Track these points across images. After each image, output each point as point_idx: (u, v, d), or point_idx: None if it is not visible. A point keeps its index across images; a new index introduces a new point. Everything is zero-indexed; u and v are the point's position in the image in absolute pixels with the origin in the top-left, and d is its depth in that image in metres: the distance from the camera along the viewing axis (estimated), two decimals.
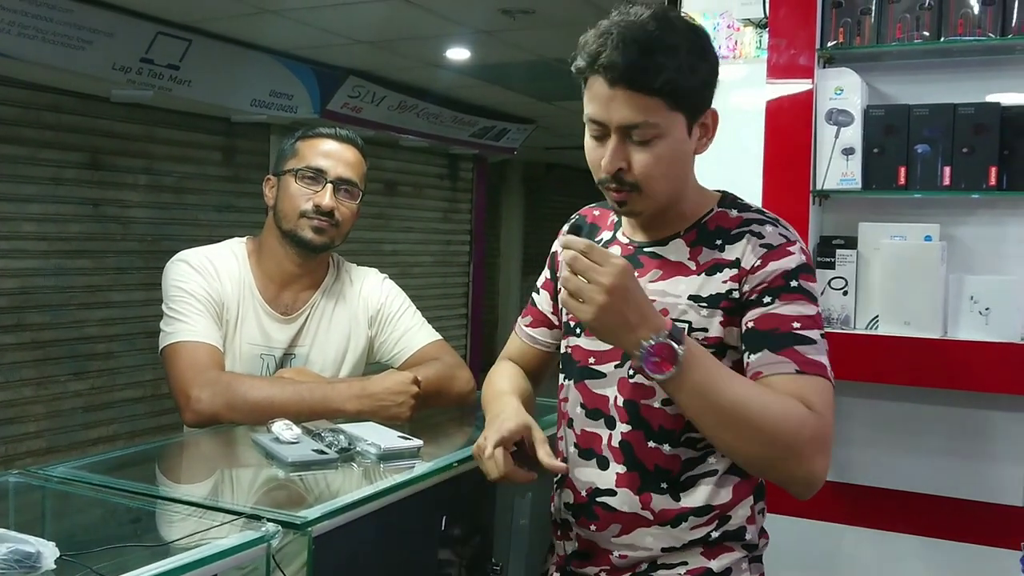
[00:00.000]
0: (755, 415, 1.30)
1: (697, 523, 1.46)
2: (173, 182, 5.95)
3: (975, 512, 2.04)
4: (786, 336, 1.36)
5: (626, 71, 1.35)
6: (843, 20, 2.04)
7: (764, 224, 1.45)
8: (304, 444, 1.60)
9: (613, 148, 1.40)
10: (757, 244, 1.42)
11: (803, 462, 1.32)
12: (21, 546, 1.04)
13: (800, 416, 1.31)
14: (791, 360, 1.34)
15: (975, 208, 2.02)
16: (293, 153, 2.06)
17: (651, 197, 1.43)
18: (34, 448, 5.22)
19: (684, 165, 1.46)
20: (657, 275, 1.48)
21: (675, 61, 1.35)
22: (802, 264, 1.41)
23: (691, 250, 1.47)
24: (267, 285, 2.07)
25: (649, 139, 1.39)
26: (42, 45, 4.55)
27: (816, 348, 1.36)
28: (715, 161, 2.28)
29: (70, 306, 5.39)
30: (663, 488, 1.46)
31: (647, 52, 1.35)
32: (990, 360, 1.91)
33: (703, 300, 1.43)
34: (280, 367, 2.04)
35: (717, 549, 1.47)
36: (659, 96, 1.36)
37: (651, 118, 1.37)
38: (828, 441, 1.34)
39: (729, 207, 1.51)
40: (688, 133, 1.43)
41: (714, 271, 1.44)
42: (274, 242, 2.07)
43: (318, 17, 5.09)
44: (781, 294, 1.38)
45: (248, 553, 1.19)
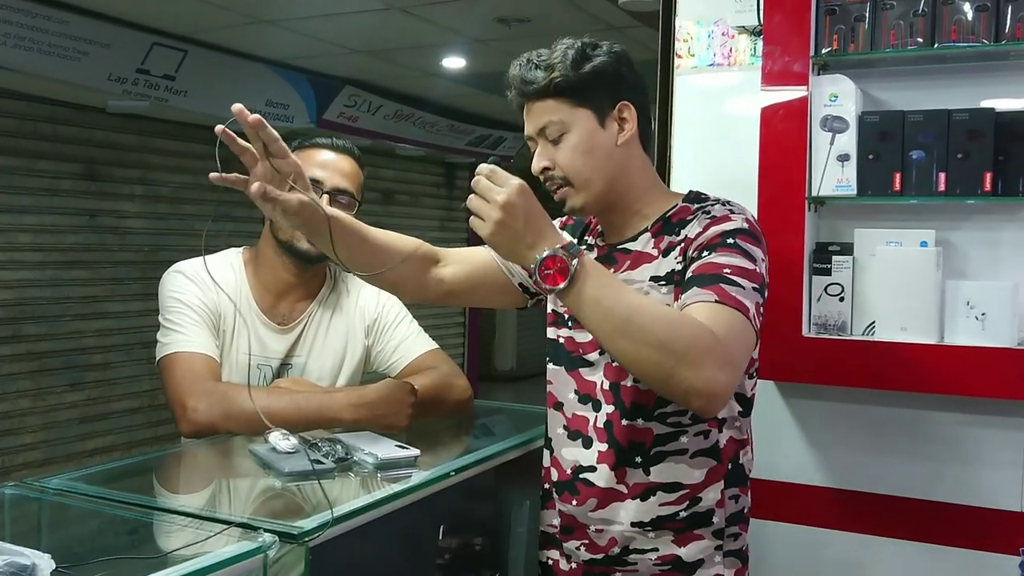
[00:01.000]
0: (648, 320, 1.34)
1: (666, 499, 1.55)
2: (169, 192, 5.96)
3: (973, 517, 2.03)
4: (714, 276, 1.42)
5: (519, 84, 1.58)
6: (837, 27, 2.05)
7: (715, 204, 1.57)
8: (301, 454, 1.60)
9: (537, 152, 1.60)
10: (703, 218, 1.53)
11: (699, 370, 1.31)
12: (17, 558, 1.04)
13: (696, 327, 1.34)
14: (713, 292, 1.40)
15: (970, 214, 2.02)
16: None
17: (583, 188, 1.58)
18: (30, 460, 5.21)
19: (607, 156, 1.58)
20: (627, 266, 1.60)
21: (553, 65, 1.55)
22: (742, 228, 1.49)
23: (655, 240, 1.59)
24: (264, 295, 2.06)
25: (559, 136, 1.57)
26: (38, 56, 4.56)
27: (740, 291, 1.40)
28: (711, 168, 2.30)
29: (66, 317, 5.39)
30: (637, 462, 1.56)
31: (533, 65, 1.57)
32: (986, 365, 1.90)
33: (662, 279, 1.55)
34: (277, 377, 2.04)
35: (687, 536, 1.55)
36: (551, 97, 1.56)
37: (553, 116, 1.56)
38: (727, 359, 1.35)
39: (692, 202, 1.62)
40: (600, 125, 1.58)
41: (669, 252, 1.56)
42: (271, 252, 2.07)
43: (314, 27, 5.10)
44: (717, 248, 1.46)
45: (245, 564, 1.19)
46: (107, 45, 4.84)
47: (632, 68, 1.63)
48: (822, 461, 2.18)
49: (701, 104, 2.33)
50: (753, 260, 1.46)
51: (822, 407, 2.17)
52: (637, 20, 4.14)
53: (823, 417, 2.17)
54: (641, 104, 1.63)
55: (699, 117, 2.33)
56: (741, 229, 1.49)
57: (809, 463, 2.19)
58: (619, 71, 1.59)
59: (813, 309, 2.07)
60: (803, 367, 2.06)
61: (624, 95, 1.59)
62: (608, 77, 1.58)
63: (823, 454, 2.18)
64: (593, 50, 1.58)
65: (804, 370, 2.06)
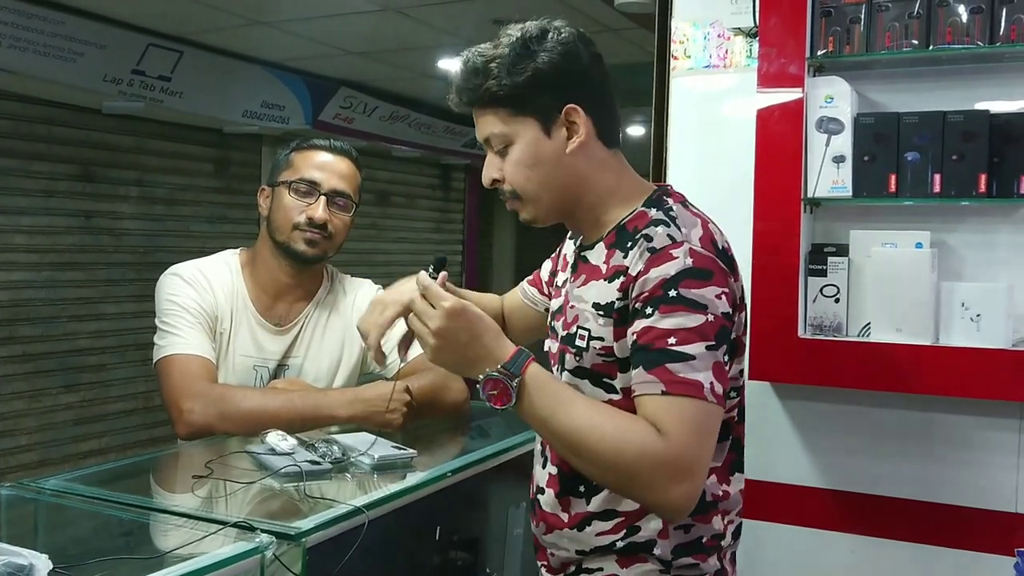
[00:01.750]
0: (594, 441, 1.30)
1: (602, 529, 1.44)
2: (165, 193, 5.95)
3: (968, 518, 2.04)
4: (659, 353, 1.30)
5: (457, 95, 1.47)
6: (833, 29, 2.05)
7: (658, 225, 1.38)
8: (298, 455, 1.60)
9: (486, 162, 1.50)
10: (645, 249, 1.37)
11: (651, 491, 1.29)
12: (14, 559, 1.04)
13: (640, 445, 1.28)
14: (659, 380, 1.30)
15: (965, 215, 2.03)
16: (287, 164, 2.06)
17: (532, 202, 1.48)
18: (25, 461, 5.19)
19: (554, 166, 1.45)
20: (582, 280, 1.49)
21: (488, 72, 1.42)
22: (684, 269, 1.33)
23: (607, 253, 1.45)
24: (260, 296, 2.07)
25: (504, 147, 1.46)
26: (33, 57, 4.55)
27: (692, 365, 1.29)
28: (707, 170, 2.30)
29: (61, 318, 5.38)
30: (580, 492, 1.47)
31: (468, 73, 1.45)
32: (981, 366, 1.91)
33: (601, 308, 1.41)
34: (274, 378, 2.04)
35: (631, 558, 1.44)
36: (491, 107, 1.44)
37: (495, 129, 1.45)
38: (683, 466, 1.28)
39: (651, 206, 1.45)
40: (546, 134, 1.44)
41: (613, 278, 1.41)
42: (267, 253, 2.07)
43: (310, 28, 5.10)
44: (660, 305, 1.32)
45: (242, 564, 1.19)
46: (103, 46, 4.83)
47: (583, 61, 1.46)
48: (817, 462, 2.18)
49: (697, 106, 2.33)
50: (702, 308, 1.32)
51: (817, 408, 2.17)
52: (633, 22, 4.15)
53: (818, 418, 2.18)
54: (597, 101, 1.47)
55: (695, 119, 2.33)
56: (684, 271, 1.32)
57: (804, 464, 2.19)
58: (565, 70, 1.43)
59: (809, 310, 2.08)
60: (798, 368, 2.06)
61: (571, 98, 1.43)
62: (552, 80, 1.42)
63: (818, 455, 2.18)
64: (536, 47, 1.42)
65: (799, 371, 2.07)
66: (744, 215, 2.06)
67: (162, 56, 5.17)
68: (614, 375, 1.40)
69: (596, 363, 1.42)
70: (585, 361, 1.43)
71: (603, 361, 1.41)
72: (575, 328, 1.45)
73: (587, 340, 1.42)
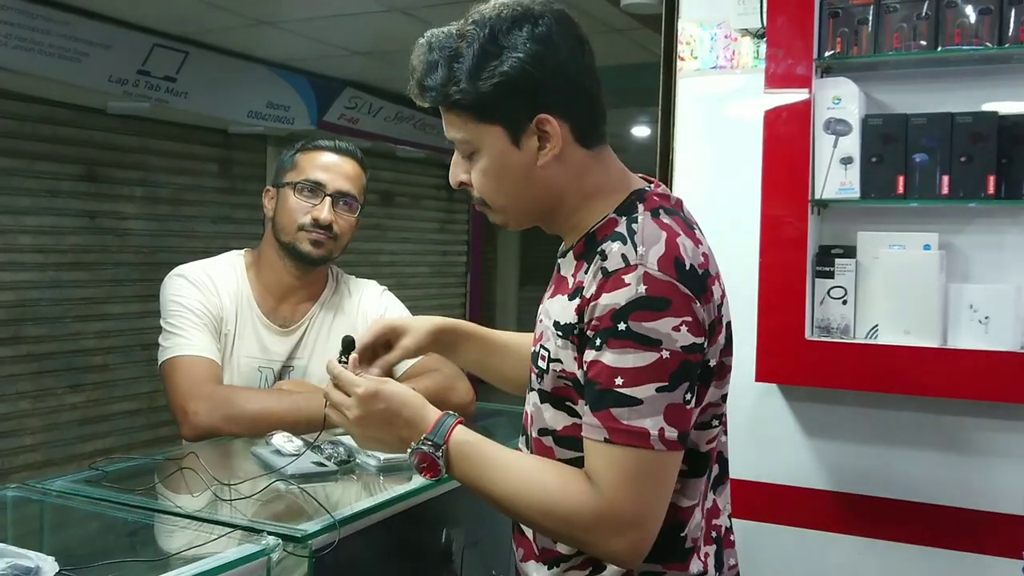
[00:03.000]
0: (523, 508, 1.26)
1: (570, 566, 1.33)
2: (170, 194, 5.95)
3: (975, 521, 2.03)
4: (605, 394, 1.19)
5: (419, 92, 1.32)
6: (840, 30, 2.05)
7: (615, 241, 1.23)
8: (304, 457, 1.60)
9: (452, 162, 1.36)
10: (598, 268, 1.23)
11: (593, 548, 1.24)
12: (20, 561, 1.03)
13: (571, 505, 1.21)
14: (603, 426, 1.19)
15: (974, 217, 2.02)
16: (293, 165, 2.06)
17: (499, 211, 1.35)
18: (30, 461, 5.19)
19: (524, 178, 1.30)
20: (551, 291, 1.37)
21: (450, 74, 1.26)
22: (635, 299, 1.18)
23: (575, 264, 1.33)
24: (265, 297, 2.06)
25: (470, 154, 1.32)
26: (39, 57, 4.55)
27: (638, 410, 1.17)
28: (713, 172, 2.29)
29: (66, 318, 5.38)
30: None
31: (427, 67, 1.29)
32: (989, 369, 1.91)
33: (560, 328, 1.29)
34: (279, 379, 2.04)
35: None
36: (453, 110, 1.29)
37: (459, 134, 1.31)
38: (623, 520, 1.20)
39: (622, 213, 1.30)
40: (515, 144, 1.28)
41: (574, 295, 1.28)
42: (273, 254, 2.07)
43: (315, 28, 5.10)
44: (609, 338, 1.19)
45: (248, 567, 1.18)
46: (108, 46, 4.83)
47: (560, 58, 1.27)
48: (824, 464, 2.17)
49: (704, 107, 2.33)
50: (655, 345, 1.17)
51: (825, 410, 2.17)
52: (639, 23, 4.14)
53: (826, 420, 2.17)
54: (576, 100, 1.30)
55: (702, 120, 2.33)
56: (635, 301, 1.17)
57: (811, 466, 2.19)
58: (537, 76, 1.24)
59: (816, 312, 2.07)
60: (806, 370, 2.06)
61: (543, 106, 1.26)
62: (520, 87, 1.24)
63: (825, 457, 2.17)
64: (505, 43, 1.25)
65: (807, 373, 2.06)
66: (751, 217, 2.06)
67: (167, 56, 5.17)
68: (575, 400, 1.28)
69: (556, 386, 1.31)
70: (545, 383, 1.33)
71: (563, 384, 1.29)
72: (538, 347, 1.35)
73: (547, 361, 1.31)
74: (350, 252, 2.18)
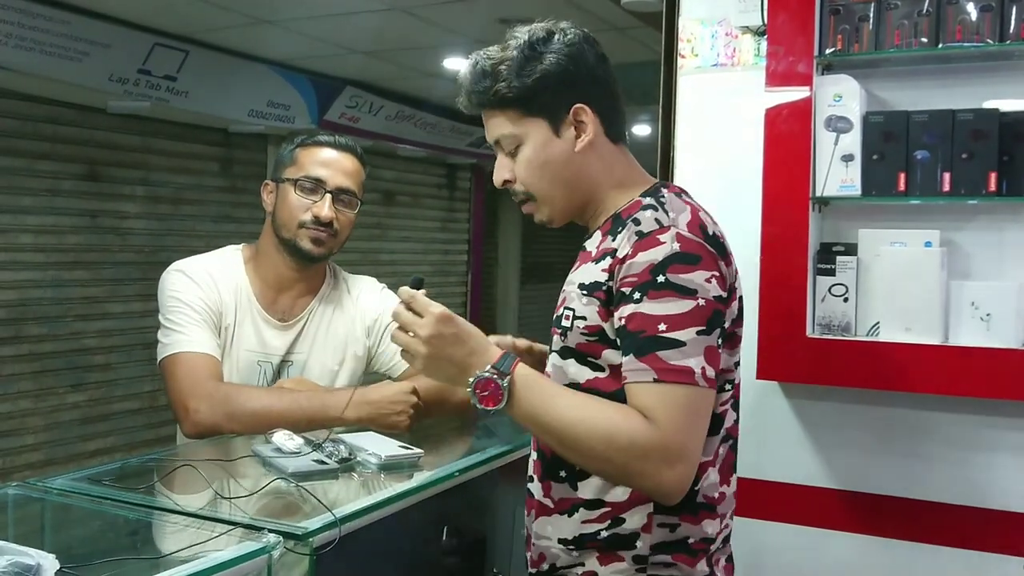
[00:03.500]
0: (584, 438, 1.34)
1: (588, 517, 1.43)
2: (170, 193, 5.95)
3: (977, 519, 2.03)
4: (650, 340, 1.33)
5: (467, 97, 1.51)
6: (841, 27, 2.04)
7: (647, 210, 1.41)
8: (304, 455, 1.60)
9: (496, 164, 1.53)
10: (633, 232, 1.39)
11: (646, 477, 1.33)
12: (21, 558, 1.03)
13: (631, 434, 1.31)
14: (651, 368, 1.32)
15: (975, 214, 2.02)
16: (292, 161, 2.05)
17: (545, 202, 1.51)
18: (32, 460, 5.20)
19: (564, 166, 1.49)
20: (576, 265, 1.51)
21: (497, 75, 1.46)
22: (672, 254, 1.34)
23: (601, 239, 1.48)
24: (264, 291, 2.06)
25: (514, 149, 1.49)
26: (39, 57, 4.55)
27: (683, 351, 1.32)
28: (714, 169, 2.29)
29: (68, 318, 5.38)
30: (561, 476, 1.46)
31: (477, 75, 1.49)
32: (991, 366, 1.90)
33: (585, 287, 1.43)
34: (278, 375, 2.03)
35: (609, 556, 1.42)
36: (500, 108, 1.48)
37: (505, 130, 1.48)
38: (674, 452, 1.31)
39: (647, 195, 1.47)
40: (556, 134, 1.47)
41: (600, 259, 1.44)
42: (272, 249, 2.07)
43: (315, 27, 5.10)
44: (649, 290, 1.34)
45: (249, 564, 1.19)
46: (108, 46, 4.83)
47: (590, 61, 1.49)
48: (826, 462, 2.17)
49: (704, 104, 2.32)
50: (691, 293, 1.33)
51: (826, 408, 2.17)
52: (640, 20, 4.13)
53: (827, 418, 2.17)
54: (604, 98, 1.51)
55: (702, 118, 2.32)
56: (672, 256, 1.34)
57: (813, 464, 2.18)
58: (572, 72, 1.47)
59: (817, 310, 2.07)
60: (807, 368, 2.05)
61: (579, 97, 1.47)
62: (559, 81, 1.46)
63: (827, 455, 2.17)
64: (543, 49, 1.46)
65: (808, 371, 2.06)
66: (752, 214, 2.06)
67: (168, 56, 5.17)
68: (599, 354, 1.41)
69: (580, 342, 1.43)
70: (569, 340, 1.44)
71: (587, 340, 1.42)
72: (562, 309, 1.47)
73: (571, 320, 1.43)
74: (352, 251, 2.18)
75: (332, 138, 2.09)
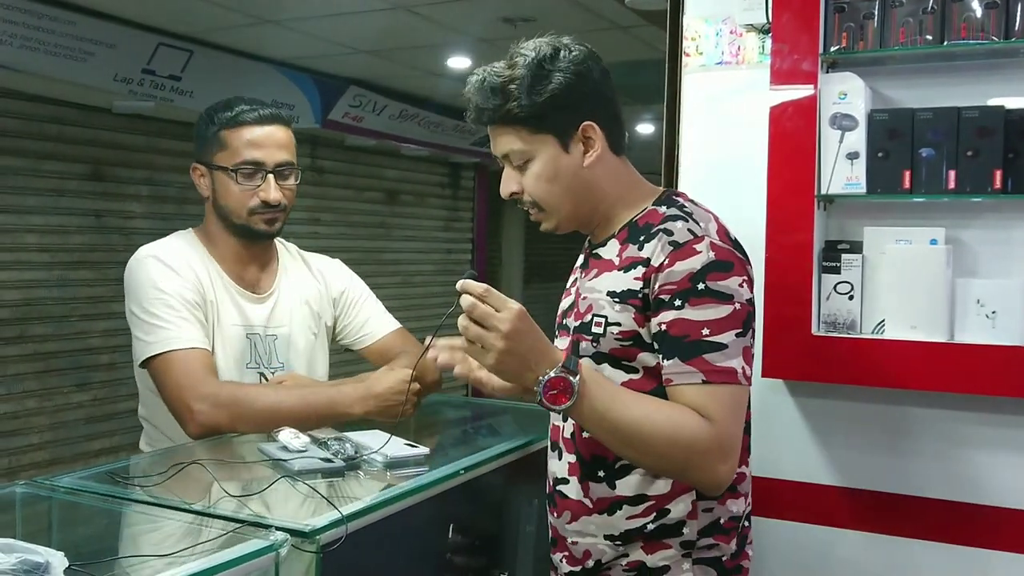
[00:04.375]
0: (648, 436, 1.41)
1: (632, 513, 1.51)
2: (175, 193, 5.95)
3: (982, 516, 2.03)
4: (696, 344, 1.42)
5: (476, 113, 1.54)
6: (846, 25, 2.04)
7: (677, 220, 1.49)
8: (310, 453, 1.60)
9: (504, 176, 1.58)
10: (666, 242, 1.47)
11: (703, 472, 1.43)
12: (30, 556, 1.04)
13: (692, 432, 1.40)
14: (699, 370, 1.41)
15: (980, 211, 2.01)
16: (220, 145, 1.98)
17: (553, 212, 1.57)
18: (37, 460, 5.21)
19: (573, 179, 1.54)
20: (594, 274, 1.58)
21: (508, 94, 1.49)
22: (709, 263, 1.44)
23: (620, 247, 1.55)
24: (228, 269, 2.04)
25: (523, 163, 1.54)
26: (44, 57, 4.56)
27: (726, 353, 1.42)
28: (720, 167, 2.29)
29: (73, 317, 5.39)
30: (600, 476, 1.53)
31: (487, 91, 1.51)
32: (997, 363, 1.90)
33: (617, 295, 1.50)
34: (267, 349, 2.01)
35: (655, 544, 1.50)
36: (510, 125, 1.52)
37: (515, 146, 1.53)
38: (727, 447, 1.43)
39: (662, 204, 1.56)
40: (565, 150, 1.53)
41: (629, 268, 1.51)
42: (221, 232, 2.03)
43: (319, 27, 5.10)
44: (690, 298, 1.42)
45: (256, 562, 1.19)
46: (113, 46, 4.84)
47: (596, 78, 1.55)
48: (831, 460, 2.17)
49: (709, 103, 2.32)
50: (729, 299, 1.43)
51: (831, 406, 2.16)
52: (644, 19, 4.14)
53: (832, 416, 2.17)
54: (609, 113, 1.58)
55: (707, 116, 2.32)
56: (709, 264, 1.44)
57: (818, 462, 2.18)
58: (580, 90, 1.52)
59: (822, 307, 2.07)
60: (812, 365, 2.05)
61: (587, 115, 1.53)
62: (569, 99, 1.51)
63: (832, 453, 2.17)
64: (552, 67, 1.50)
65: (813, 369, 2.06)
66: (757, 212, 2.05)
67: (172, 55, 5.18)
68: (633, 357, 1.49)
69: (613, 347, 1.50)
70: (603, 346, 1.51)
71: (621, 345, 1.49)
72: (590, 316, 1.53)
73: (604, 326, 1.50)
74: (355, 250, 2.20)
75: (255, 111, 1.99)
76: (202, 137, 2.02)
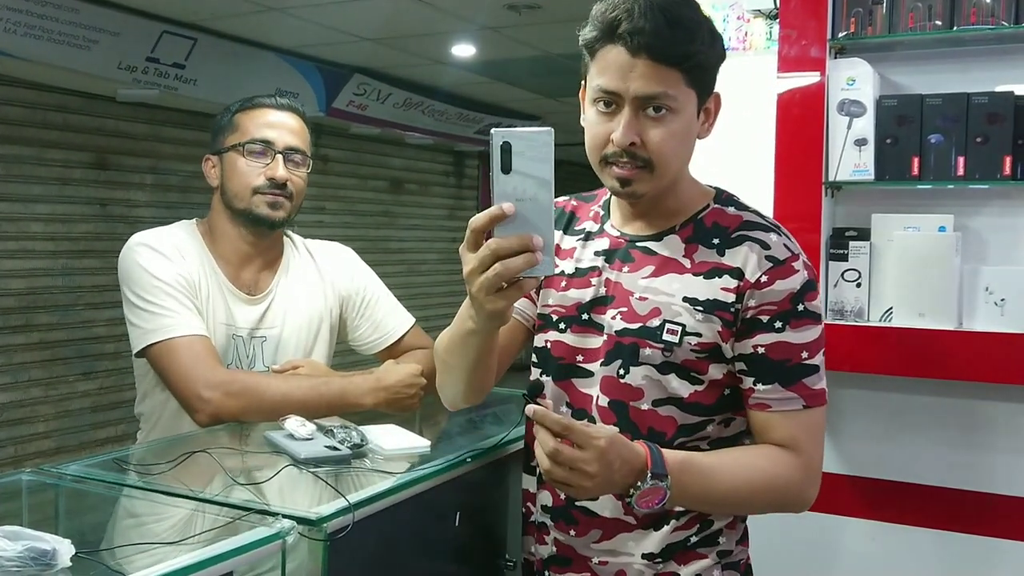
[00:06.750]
0: (745, 500, 1.41)
1: (678, 525, 1.43)
2: (179, 181, 5.96)
3: (990, 504, 2.02)
4: (796, 368, 1.38)
5: (652, 39, 1.30)
6: (854, 10, 2.03)
7: (768, 232, 1.41)
8: (317, 441, 1.60)
9: (627, 120, 1.34)
10: (763, 256, 1.38)
11: (796, 505, 1.44)
12: (37, 543, 1.04)
13: (786, 478, 1.38)
14: (799, 395, 1.38)
15: (989, 198, 2.00)
16: (233, 128, 1.98)
17: (660, 176, 1.38)
18: (43, 448, 5.23)
19: (691, 146, 1.43)
20: (650, 271, 1.43)
21: (698, 36, 1.34)
22: (806, 282, 1.39)
23: (686, 247, 1.43)
24: (225, 267, 2.00)
25: (664, 113, 1.34)
26: (48, 45, 4.56)
27: (819, 374, 1.40)
28: (727, 153, 2.27)
29: (78, 306, 5.40)
30: None
31: (674, 23, 1.32)
32: (1005, 351, 1.89)
33: (699, 304, 1.38)
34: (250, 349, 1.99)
35: (690, 555, 1.44)
36: (679, 69, 1.33)
37: (670, 90, 1.33)
38: (814, 474, 1.42)
39: (725, 204, 1.47)
40: (696, 113, 1.40)
41: (712, 275, 1.39)
42: (225, 224, 2.00)
43: (324, 15, 5.09)
44: (791, 320, 1.37)
45: (263, 549, 1.18)
46: (117, 34, 4.83)
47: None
48: (837, 448, 2.17)
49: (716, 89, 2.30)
50: (819, 318, 1.41)
51: (838, 394, 2.15)
52: None
53: (839, 404, 2.16)
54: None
55: None
56: (806, 284, 1.38)
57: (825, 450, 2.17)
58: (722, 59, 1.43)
59: (830, 295, 2.06)
60: None
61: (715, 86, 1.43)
62: (719, 64, 1.42)
63: (838, 441, 2.16)
64: (718, 36, 1.42)
65: None
66: (764, 199, 2.04)
67: (176, 43, 5.17)
68: (704, 369, 1.40)
69: (688, 358, 1.39)
70: (676, 356, 1.39)
71: (696, 357, 1.39)
72: (659, 321, 1.40)
73: (679, 335, 1.38)
74: (360, 239, 2.18)
75: (272, 99, 2.01)
76: (217, 127, 2.03)
